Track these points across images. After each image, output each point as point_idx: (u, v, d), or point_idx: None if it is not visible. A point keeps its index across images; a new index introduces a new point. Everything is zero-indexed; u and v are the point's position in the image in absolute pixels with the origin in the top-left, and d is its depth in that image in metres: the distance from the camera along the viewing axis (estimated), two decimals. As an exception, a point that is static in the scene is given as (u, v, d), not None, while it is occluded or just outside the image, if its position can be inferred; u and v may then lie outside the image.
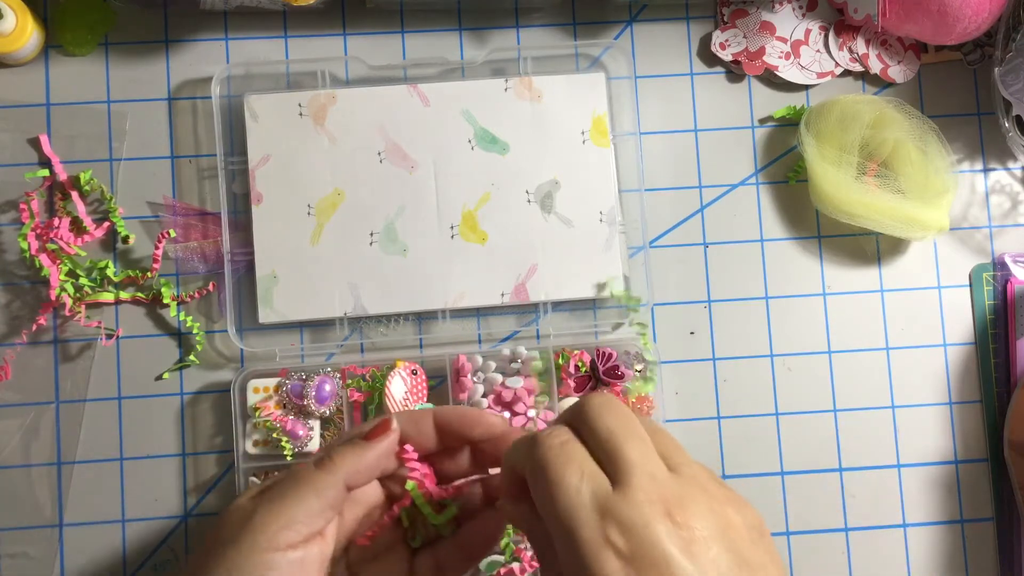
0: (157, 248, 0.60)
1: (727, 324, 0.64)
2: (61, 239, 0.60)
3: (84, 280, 0.60)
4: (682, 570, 0.32)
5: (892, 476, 0.63)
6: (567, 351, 0.61)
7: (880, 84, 0.66)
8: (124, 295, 0.61)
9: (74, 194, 0.61)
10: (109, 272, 0.60)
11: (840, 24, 0.65)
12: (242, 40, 0.64)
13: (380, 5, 0.64)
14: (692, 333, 0.64)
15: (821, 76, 0.65)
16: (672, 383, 0.63)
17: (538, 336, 0.63)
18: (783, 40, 0.65)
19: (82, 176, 0.61)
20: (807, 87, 0.66)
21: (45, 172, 0.61)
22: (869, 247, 0.65)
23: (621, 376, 0.59)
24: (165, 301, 0.61)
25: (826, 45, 0.65)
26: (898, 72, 0.65)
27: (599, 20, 0.66)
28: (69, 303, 0.59)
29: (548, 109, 0.63)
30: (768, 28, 0.65)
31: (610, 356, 0.60)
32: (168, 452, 0.61)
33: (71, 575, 0.60)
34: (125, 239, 0.61)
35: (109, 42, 0.63)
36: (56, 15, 0.62)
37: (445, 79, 0.64)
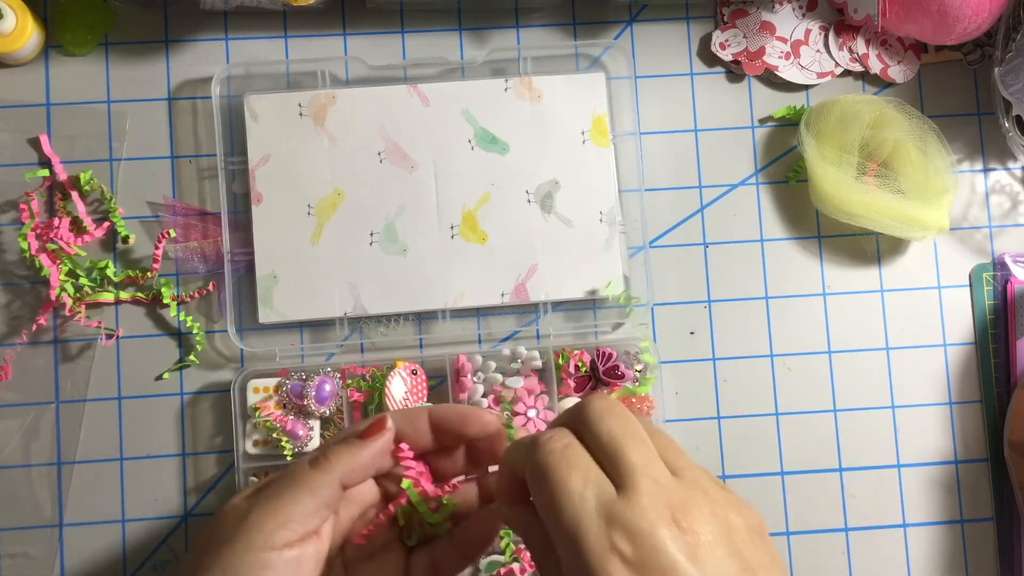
0: (157, 248, 0.60)
1: (727, 324, 0.64)
2: (61, 239, 0.60)
3: (84, 280, 0.60)
4: None
5: (892, 476, 0.63)
6: (567, 351, 0.61)
7: (880, 84, 0.66)
8: (124, 295, 0.61)
9: (74, 194, 0.61)
10: (109, 272, 0.60)
11: (840, 24, 0.65)
12: (242, 40, 0.64)
13: (380, 5, 0.64)
14: (692, 333, 0.64)
15: (821, 76, 0.65)
16: (672, 383, 0.63)
17: (538, 336, 0.63)
18: (783, 40, 0.65)
19: (82, 176, 0.61)
20: (807, 87, 0.66)
21: (45, 172, 0.61)
22: (869, 247, 0.65)
23: (621, 376, 0.59)
24: (165, 301, 0.61)
25: (826, 45, 0.65)
26: (898, 72, 0.65)
27: (599, 20, 0.66)
28: (69, 303, 0.59)
29: (548, 109, 0.63)
30: (768, 28, 0.65)
31: (610, 356, 0.60)
32: (168, 452, 0.61)
33: (71, 575, 0.60)
34: (125, 239, 0.61)
35: (109, 42, 0.63)
36: (56, 15, 0.62)
37: (445, 79, 0.64)
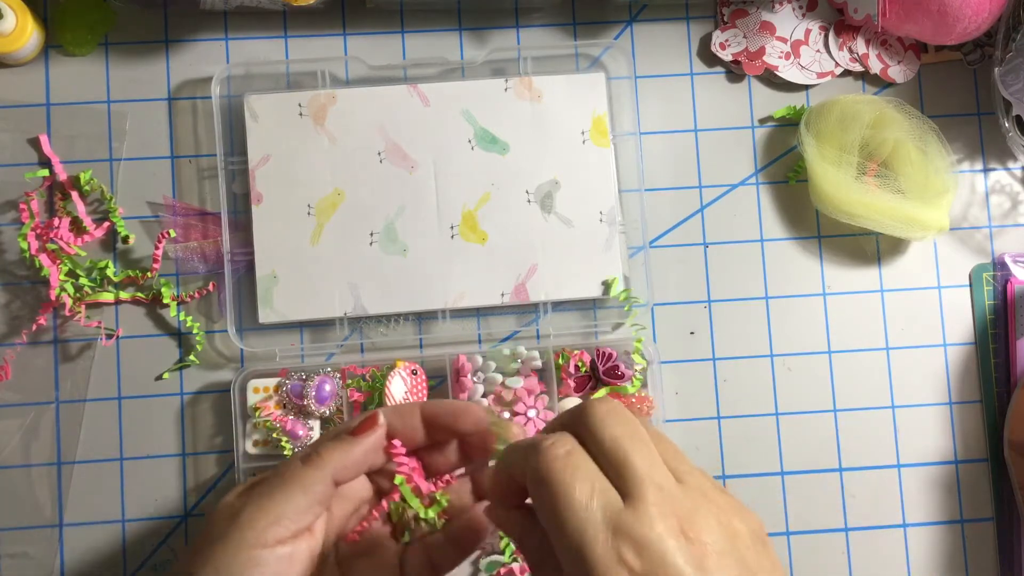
0: (157, 248, 0.60)
1: (727, 324, 0.64)
2: (61, 239, 0.60)
3: (84, 280, 0.60)
4: None
5: (892, 476, 0.63)
6: (567, 351, 0.61)
7: (880, 84, 0.66)
8: (124, 295, 0.61)
9: (74, 194, 0.61)
10: (109, 272, 0.60)
11: (840, 24, 0.65)
12: (242, 40, 0.64)
13: (380, 5, 0.64)
14: (692, 333, 0.64)
15: (821, 76, 0.65)
16: (672, 383, 0.63)
17: (538, 336, 0.63)
18: (783, 40, 0.65)
19: (82, 176, 0.61)
20: (807, 87, 0.66)
21: (45, 172, 0.61)
22: (869, 247, 0.65)
23: (621, 376, 0.59)
24: (165, 301, 0.61)
25: (826, 45, 0.65)
26: (898, 72, 0.65)
27: (599, 20, 0.66)
28: (69, 303, 0.59)
29: (548, 109, 0.63)
30: (768, 28, 0.65)
31: (610, 356, 0.60)
32: (168, 452, 0.61)
33: (71, 575, 0.60)
34: (125, 239, 0.61)
35: (109, 42, 0.63)
36: (56, 15, 0.62)
37: (445, 79, 0.64)
